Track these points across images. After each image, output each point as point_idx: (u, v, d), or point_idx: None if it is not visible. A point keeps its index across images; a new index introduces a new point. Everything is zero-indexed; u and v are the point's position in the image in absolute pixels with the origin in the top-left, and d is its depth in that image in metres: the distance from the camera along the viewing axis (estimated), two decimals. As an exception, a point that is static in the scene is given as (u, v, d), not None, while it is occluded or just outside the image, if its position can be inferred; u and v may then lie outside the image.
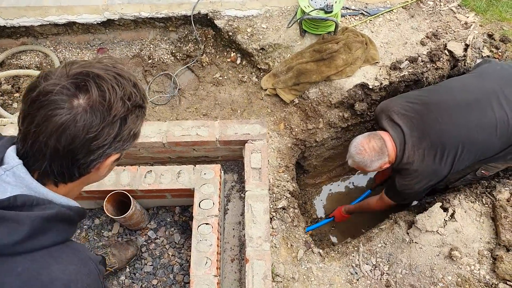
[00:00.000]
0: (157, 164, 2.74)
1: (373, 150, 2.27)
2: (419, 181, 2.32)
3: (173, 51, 3.30)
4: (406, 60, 2.94)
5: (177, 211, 2.64)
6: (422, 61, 2.92)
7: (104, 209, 2.24)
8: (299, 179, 3.48)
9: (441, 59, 2.91)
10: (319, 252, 2.62)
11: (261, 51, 3.11)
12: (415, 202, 3.20)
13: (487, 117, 2.18)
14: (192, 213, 2.60)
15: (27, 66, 3.22)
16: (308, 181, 3.65)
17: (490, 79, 2.32)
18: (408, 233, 2.53)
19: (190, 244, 2.51)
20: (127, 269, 2.49)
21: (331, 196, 3.77)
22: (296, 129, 3.04)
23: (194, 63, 3.26)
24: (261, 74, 3.17)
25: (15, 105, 3.14)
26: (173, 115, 3.09)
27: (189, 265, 2.45)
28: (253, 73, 3.21)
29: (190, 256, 2.47)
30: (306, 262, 2.56)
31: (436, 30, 3.07)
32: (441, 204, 2.52)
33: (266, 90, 3.11)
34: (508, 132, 2.19)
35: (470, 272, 2.31)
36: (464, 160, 2.24)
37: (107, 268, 2.34)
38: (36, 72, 2.82)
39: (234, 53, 3.28)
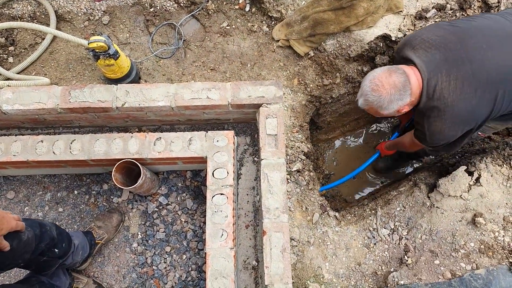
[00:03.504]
0: (166, 126, 2.59)
1: (393, 86, 1.82)
2: (452, 124, 1.89)
3: (176, -3, 3.00)
4: (433, 8, 2.66)
5: (189, 175, 2.53)
6: (451, 9, 2.65)
7: (113, 179, 2.13)
8: (312, 135, 3.34)
9: (473, 6, 2.63)
10: (335, 215, 2.55)
11: (272, -3, 2.83)
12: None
13: None
14: (204, 177, 2.51)
15: (19, 16, 2.95)
16: (321, 137, 3.51)
17: None
18: (429, 197, 2.44)
19: (203, 210, 2.45)
20: (139, 236, 2.44)
21: (342, 151, 3.64)
22: (311, 85, 2.84)
23: (199, 10, 2.98)
24: (273, 23, 2.91)
25: (10, 59, 2.92)
26: (179, 70, 2.87)
27: (203, 232, 2.40)
28: (264, 22, 2.94)
29: (203, 222, 2.42)
30: (322, 225, 2.50)
31: (469, -29, 2.75)
32: (466, 167, 2.39)
33: (278, 41, 2.87)
34: None
35: (494, 239, 2.24)
36: (505, 102, 1.85)
37: (96, 241, 2.30)
38: (30, 25, 2.57)
39: (243, -1, 2.99)
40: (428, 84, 1.83)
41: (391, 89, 1.83)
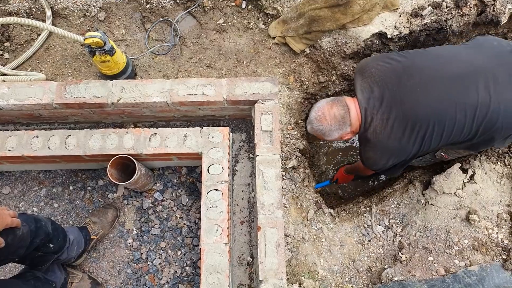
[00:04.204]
0: (161, 122, 2.59)
1: (333, 118, 2.02)
2: (382, 155, 2.09)
3: (172, -6, 3.00)
4: (429, 6, 2.67)
5: (184, 171, 2.53)
6: (446, 7, 2.65)
7: (108, 174, 2.13)
8: (307, 133, 3.34)
9: (468, 4, 2.64)
10: (330, 212, 2.56)
11: (269, -6, 2.83)
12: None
13: (469, 96, 1.87)
14: (199, 173, 2.51)
15: (15, 11, 2.95)
16: (317, 134, 3.51)
17: (484, 55, 1.99)
18: (423, 194, 2.45)
19: (198, 206, 2.45)
20: (134, 232, 2.44)
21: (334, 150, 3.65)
22: (307, 82, 2.85)
23: (195, 7, 2.98)
24: (269, 20, 2.91)
25: (6, 55, 2.91)
26: (175, 67, 2.87)
27: (198, 228, 2.41)
28: (260, 19, 2.95)
29: (198, 218, 2.43)
30: (317, 222, 2.51)
31: (465, -31, 2.76)
32: (460, 165, 2.40)
33: (274, 38, 2.87)
34: (486, 118, 1.88)
35: (487, 236, 2.26)
36: (433, 140, 1.98)
37: (92, 236, 2.30)
38: (26, 20, 2.57)
39: (239, -4, 2.99)
40: (366, 118, 2.02)
41: (331, 120, 2.03)
